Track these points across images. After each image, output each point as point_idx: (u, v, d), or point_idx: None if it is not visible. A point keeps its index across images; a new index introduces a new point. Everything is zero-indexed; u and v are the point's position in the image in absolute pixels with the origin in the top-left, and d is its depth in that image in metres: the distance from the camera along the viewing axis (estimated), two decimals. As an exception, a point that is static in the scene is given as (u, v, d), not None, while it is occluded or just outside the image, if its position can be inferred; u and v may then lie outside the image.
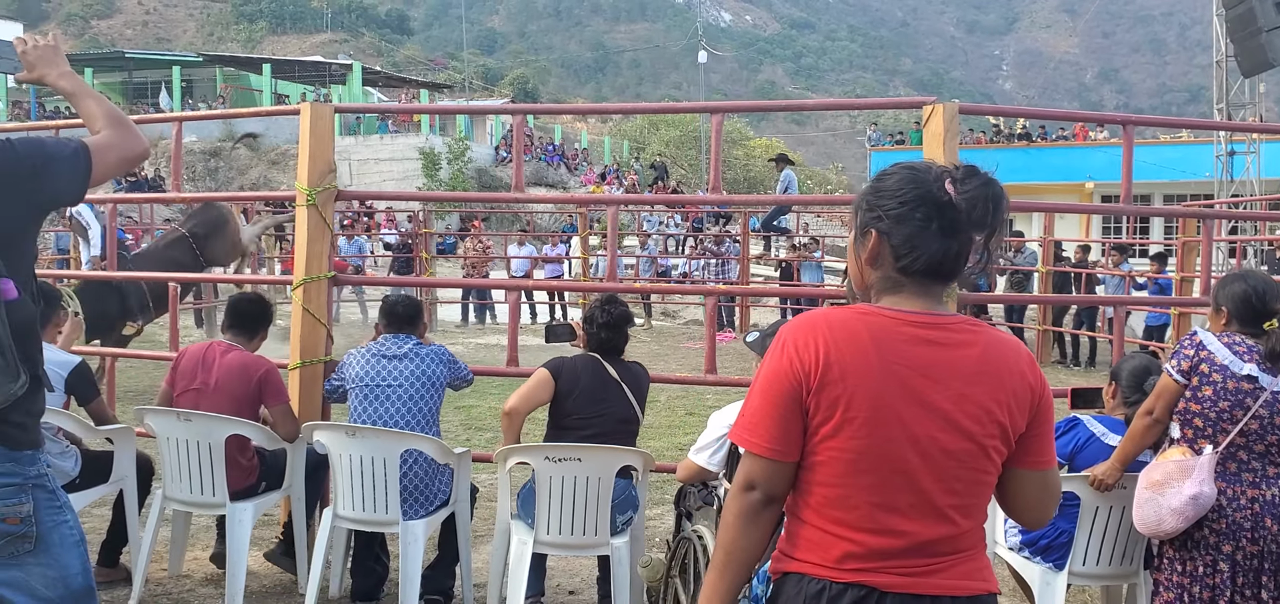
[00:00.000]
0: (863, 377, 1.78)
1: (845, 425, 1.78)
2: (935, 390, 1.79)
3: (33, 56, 2.50)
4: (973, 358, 1.82)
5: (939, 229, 1.80)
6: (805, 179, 48.13)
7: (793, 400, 1.80)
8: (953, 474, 1.80)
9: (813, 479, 1.84)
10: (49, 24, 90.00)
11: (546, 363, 4.26)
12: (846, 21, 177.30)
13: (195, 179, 31.05)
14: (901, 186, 1.84)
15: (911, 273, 1.83)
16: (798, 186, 19.72)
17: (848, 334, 1.80)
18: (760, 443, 1.83)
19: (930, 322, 1.83)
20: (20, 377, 2.19)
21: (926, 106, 4.54)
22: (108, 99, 2.52)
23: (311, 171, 4.90)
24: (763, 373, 1.86)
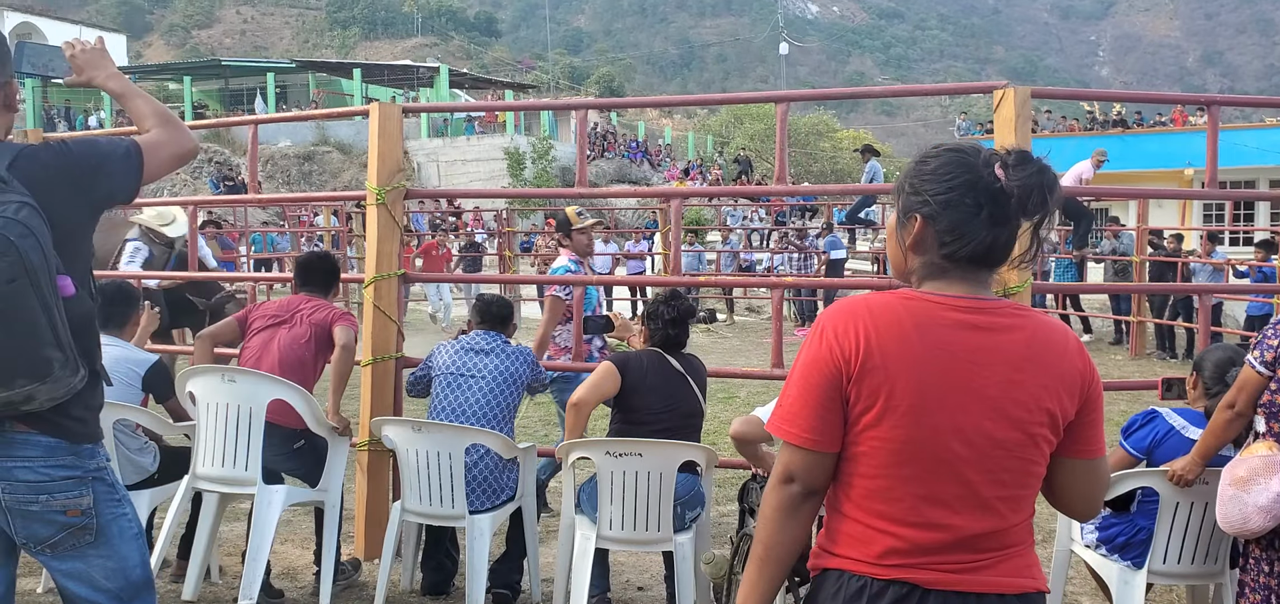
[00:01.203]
0: (905, 363, 1.70)
1: (887, 414, 1.71)
2: (981, 377, 1.71)
3: (81, 59, 2.57)
4: (1020, 343, 1.73)
5: (989, 216, 1.73)
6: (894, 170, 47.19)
7: (832, 388, 1.73)
8: (1000, 465, 1.72)
9: (854, 471, 1.77)
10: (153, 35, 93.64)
11: (612, 356, 4.27)
12: (937, 10, 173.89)
13: (289, 182, 31.94)
14: (949, 170, 1.76)
15: (956, 259, 1.76)
16: (883, 178, 19.40)
17: (889, 319, 1.73)
18: (798, 433, 1.76)
19: (975, 306, 1.75)
20: (79, 370, 2.25)
21: (997, 91, 4.40)
22: (155, 98, 2.57)
23: (381, 171, 4.97)
24: (800, 360, 1.79)
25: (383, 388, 4.99)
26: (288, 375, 4.32)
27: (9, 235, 2.09)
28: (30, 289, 2.11)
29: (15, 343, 2.12)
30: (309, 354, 4.46)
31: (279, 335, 4.45)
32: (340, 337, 4.45)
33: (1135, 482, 3.59)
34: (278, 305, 4.63)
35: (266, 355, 4.41)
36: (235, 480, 4.25)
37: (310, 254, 5.00)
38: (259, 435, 4.19)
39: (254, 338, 4.50)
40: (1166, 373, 7.87)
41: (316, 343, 4.48)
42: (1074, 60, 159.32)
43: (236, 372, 4.26)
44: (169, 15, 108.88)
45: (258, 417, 4.18)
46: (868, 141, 33.15)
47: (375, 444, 4.85)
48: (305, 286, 4.70)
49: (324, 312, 4.55)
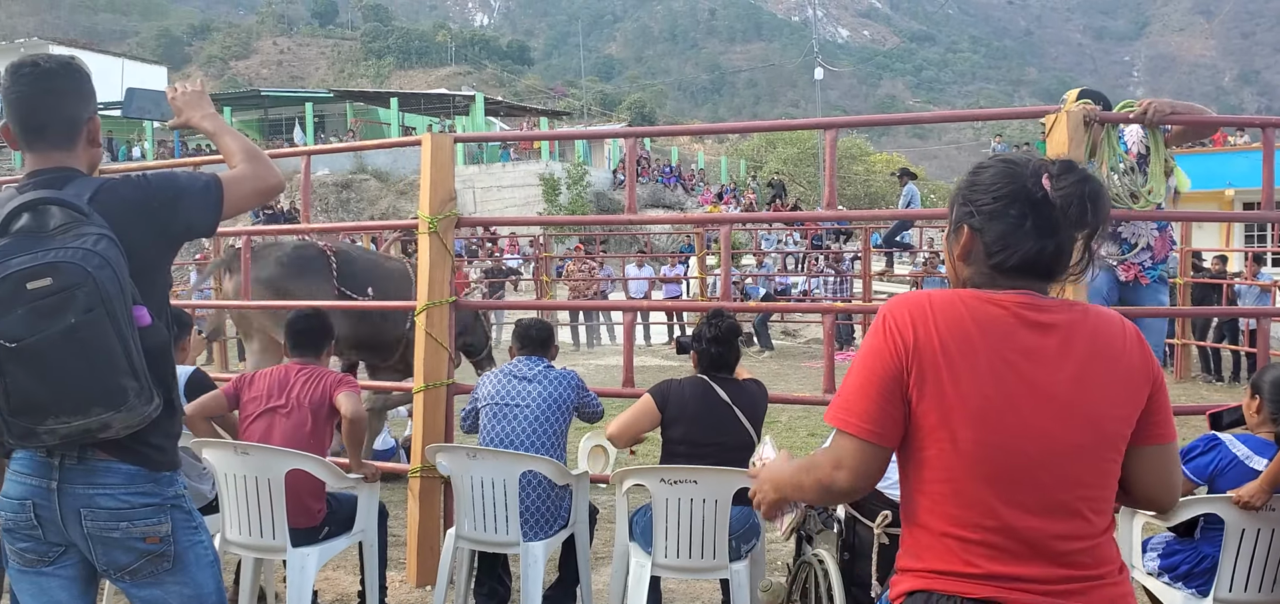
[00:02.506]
0: (969, 362, 1.68)
1: (953, 415, 1.68)
2: (1049, 377, 1.69)
3: (181, 102, 2.66)
4: (1083, 340, 1.72)
5: (1033, 227, 1.73)
6: (929, 193, 47.03)
7: (892, 381, 1.71)
8: (1078, 464, 1.69)
9: (924, 476, 1.74)
10: (191, 66, 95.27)
11: (653, 388, 4.18)
12: (968, 32, 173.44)
13: (328, 210, 32.30)
14: (996, 181, 1.77)
15: (1005, 271, 1.76)
16: (920, 202, 19.30)
17: (952, 317, 1.71)
18: (855, 422, 1.74)
19: (1033, 303, 1.73)
20: (154, 399, 2.29)
21: (1049, 115, 4.38)
22: (245, 136, 2.63)
23: (433, 199, 5.02)
24: (861, 350, 1.78)
25: (434, 414, 5.02)
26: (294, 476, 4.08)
27: (87, 266, 2.13)
28: (106, 319, 2.15)
29: (92, 371, 2.16)
30: (313, 442, 4.19)
31: (276, 426, 4.18)
32: (347, 408, 4.18)
33: (1200, 507, 3.53)
34: (268, 382, 4.31)
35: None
36: (265, 547, 4.10)
37: (299, 316, 4.59)
38: (282, 503, 4.00)
39: (252, 426, 4.23)
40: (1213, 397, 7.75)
41: (315, 422, 4.21)
42: (1108, 81, 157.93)
43: (248, 446, 4.06)
44: (207, 46, 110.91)
45: (277, 487, 3.98)
46: (903, 165, 33.08)
47: (427, 471, 4.88)
48: (297, 352, 4.41)
49: (317, 384, 4.25)
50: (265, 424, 4.19)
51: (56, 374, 2.14)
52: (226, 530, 4.11)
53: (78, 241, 2.16)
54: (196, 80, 2.72)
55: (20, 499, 2.32)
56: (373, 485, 4.43)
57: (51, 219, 2.20)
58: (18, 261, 2.13)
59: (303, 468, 4.05)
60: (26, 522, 2.32)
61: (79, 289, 2.12)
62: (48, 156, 2.36)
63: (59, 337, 2.11)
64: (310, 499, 4.18)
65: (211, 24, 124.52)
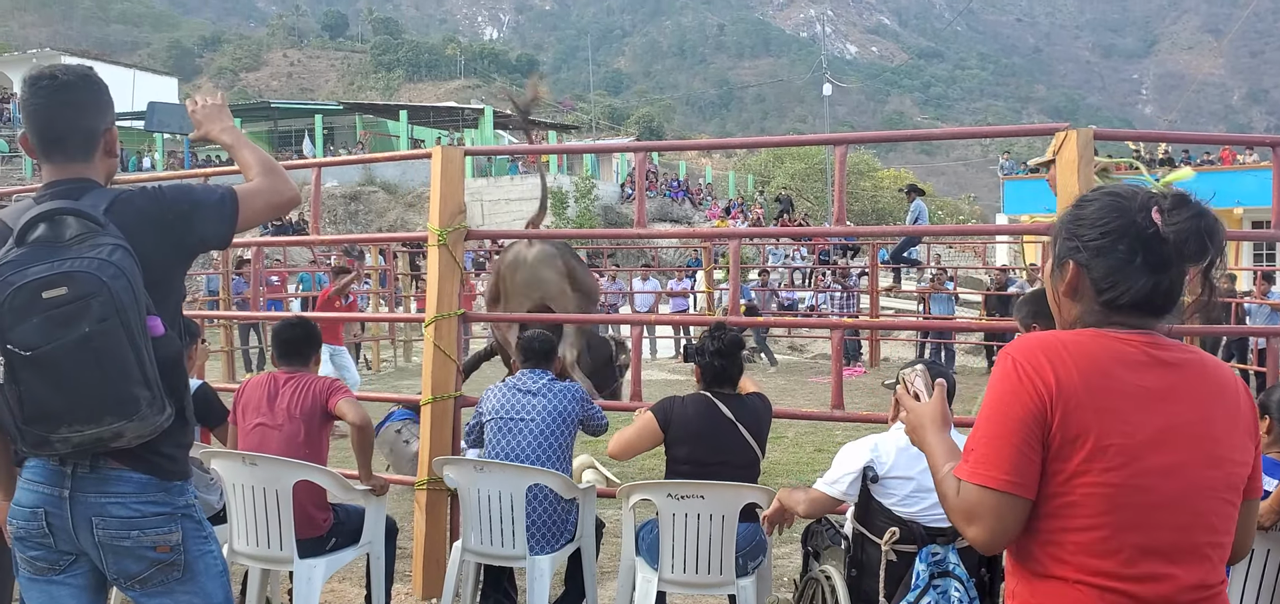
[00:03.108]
0: (1111, 400, 1.63)
1: (1098, 457, 1.61)
2: (1181, 415, 1.64)
3: (200, 115, 2.68)
4: (1203, 381, 1.69)
5: (1145, 263, 1.68)
6: (936, 209, 47.12)
7: (1034, 427, 1.63)
8: (1208, 508, 1.65)
9: (1065, 524, 1.65)
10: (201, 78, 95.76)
11: (655, 406, 4.15)
12: (976, 49, 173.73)
13: (336, 222, 32.40)
14: (1103, 215, 1.71)
15: (1117, 307, 1.71)
16: (928, 217, 19.31)
17: (1086, 356, 1.65)
18: (997, 475, 1.64)
19: (1159, 342, 1.69)
20: (166, 409, 2.30)
21: (1059, 133, 4.38)
22: (262, 149, 2.64)
23: (443, 212, 5.04)
24: (991, 399, 1.69)
25: (442, 427, 5.03)
26: (298, 486, 4.07)
27: (102, 276, 2.15)
28: (120, 328, 2.17)
29: (105, 380, 2.17)
30: (308, 452, 4.16)
31: (269, 439, 4.16)
32: (354, 415, 4.15)
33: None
34: (257, 393, 4.28)
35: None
36: (272, 558, 4.09)
37: (285, 324, 4.55)
38: (289, 514, 4.00)
39: (246, 439, 4.23)
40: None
41: (309, 432, 4.19)
42: (1117, 99, 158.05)
43: (257, 457, 4.06)
44: (218, 58, 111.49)
45: (285, 498, 3.98)
46: (910, 181, 33.12)
47: (434, 483, 4.89)
48: (284, 361, 4.37)
49: (308, 394, 4.21)
50: (258, 437, 4.19)
51: (70, 383, 2.15)
52: (234, 541, 4.11)
53: (93, 251, 2.18)
54: (217, 94, 2.74)
55: (32, 507, 2.33)
56: (381, 498, 4.44)
57: (68, 229, 2.22)
58: (34, 271, 2.15)
59: (311, 479, 4.06)
60: (38, 530, 2.33)
61: (94, 298, 2.14)
62: (65, 167, 2.38)
63: (73, 345, 2.13)
64: (315, 509, 4.19)
65: (222, 36, 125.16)
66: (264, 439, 4.17)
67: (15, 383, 2.16)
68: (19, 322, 2.13)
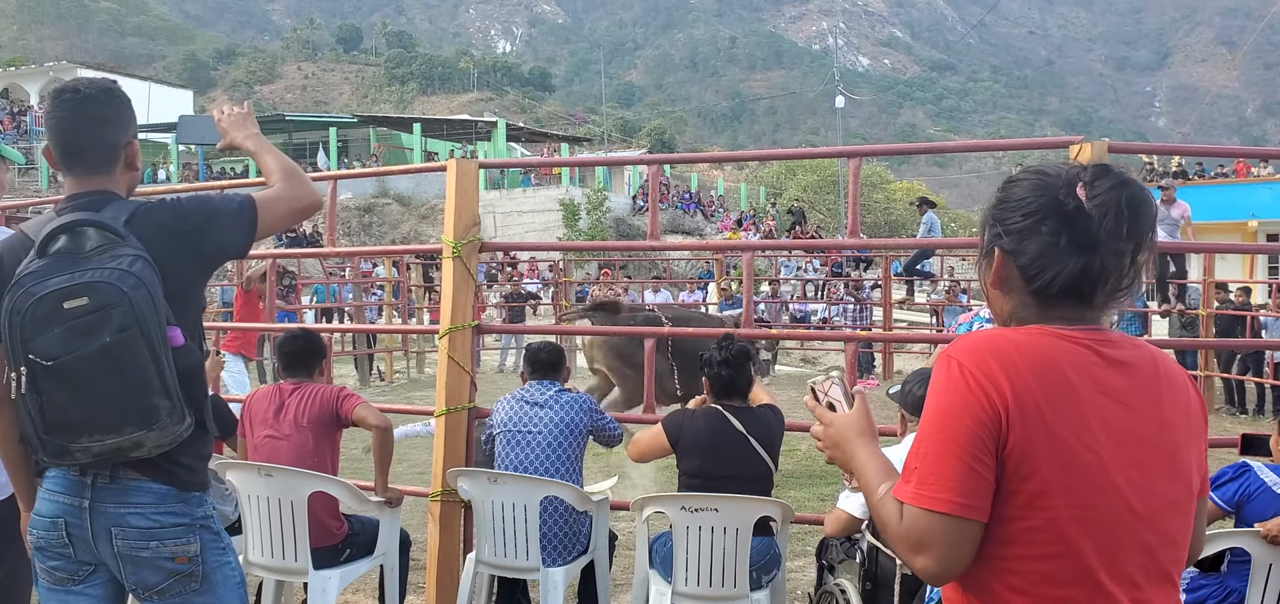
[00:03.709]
0: (1072, 411, 1.45)
1: (1061, 477, 1.44)
2: (1140, 423, 1.49)
3: (226, 124, 2.72)
4: (1159, 378, 1.53)
5: (1070, 243, 1.50)
6: (949, 222, 47.01)
7: (985, 441, 1.44)
8: (1174, 524, 1.51)
9: (1023, 551, 1.47)
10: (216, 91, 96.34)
11: (666, 419, 4.15)
12: (989, 62, 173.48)
13: (350, 234, 32.53)
14: (1027, 196, 1.55)
15: (1048, 297, 1.53)
16: (941, 230, 19.27)
17: (1040, 360, 1.47)
18: (946, 497, 1.44)
19: (1105, 338, 1.52)
20: (185, 419, 2.32)
21: (1073, 146, 4.37)
22: (285, 156, 2.65)
23: (457, 224, 5.05)
24: (934, 410, 1.50)
25: (456, 438, 5.03)
26: (312, 496, 4.08)
27: (123, 286, 2.17)
28: (140, 338, 2.19)
29: (125, 390, 2.19)
30: (317, 460, 4.19)
31: (279, 451, 4.18)
32: (370, 418, 4.19)
33: (1227, 541, 3.51)
34: (263, 406, 4.30)
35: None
36: (287, 569, 4.10)
37: (289, 336, 4.57)
38: (304, 525, 4.01)
39: (257, 452, 4.25)
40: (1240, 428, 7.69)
41: (317, 440, 4.22)
42: (1130, 111, 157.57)
43: (272, 468, 4.07)
44: (232, 71, 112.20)
45: (300, 509, 4.00)
46: (922, 194, 33.08)
47: (448, 495, 4.89)
48: (290, 372, 4.40)
49: (315, 402, 4.24)
50: (268, 449, 4.21)
51: (91, 392, 2.17)
52: (249, 552, 4.12)
53: (114, 262, 2.20)
54: (244, 104, 2.77)
55: (52, 517, 2.35)
56: (396, 509, 4.45)
57: (88, 241, 2.24)
58: (56, 281, 2.17)
59: (327, 491, 4.07)
60: (58, 540, 2.35)
61: (114, 308, 2.16)
62: (86, 180, 2.40)
63: (94, 355, 2.15)
64: (329, 518, 4.20)
65: (237, 49, 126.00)
66: (274, 450, 4.19)
67: (37, 393, 2.19)
68: (40, 332, 2.16)
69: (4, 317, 2.21)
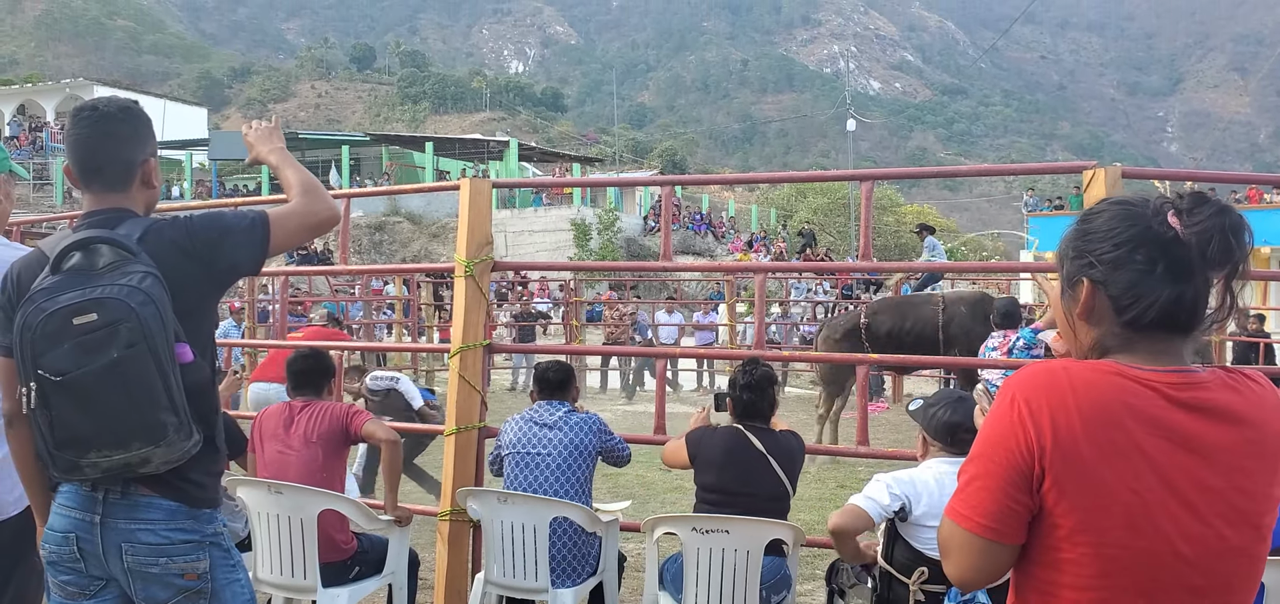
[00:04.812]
0: (1119, 454, 1.46)
1: (1099, 516, 1.47)
2: (1207, 469, 1.47)
3: (252, 138, 2.76)
4: (1241, 423, 1.50)
5: (1166, 272, 1.50)
6: (959, 246, 46.92)
7: (1019, 475, 1.49)
8: (1232, 570, 1.49)
9: (1058, 579, 1.52)
10: (230, 109, 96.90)
11: (689, 433, 4.19)
12: (1000, 86, 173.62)
13: (361, 251, 32.63)
14: (1115, 226, 1.54)
15: (1141, 326, 1.52)
16: (944, 253, 19.22)
17: (1095, 398, 1.47)
18: (974, 518, 1.53)
19: (1189, 381, 1.49)
20: (193, 435, 2.32)
21: (1087, 171, 4.36)
22: (306, 170, 2.67)
23: (470, 243, 5.06)
24: (983, 434, 1.57)
25: (466, 457, 5.02)
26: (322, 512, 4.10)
27: (131, 302, 2.18)
28: (148, 354, 2.19)
29: (132, 406, 2.20)
30: (325, 477, 4.21)
31: (289, 467, 4.20)
32: (379, 433, 4.22)
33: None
34: (273, 423, 4.34)
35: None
36: (296, 587, 4.11)
37: (298, 355, 4.64)
38: (314, 542, 4.03)
39: (267, 468, 4.27)
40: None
41: (326, 456, 4.24)
42: (1142, 136, 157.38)
43: (282, 485, 4.09)
44: (246, 89, 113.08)
45: (309, 526, 4.02)
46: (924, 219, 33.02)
47: (457, 514, 4.88)
48: (298, 390, 4.46)
49: (324, 418, 4.27)
50: (278, 465, 4.23)
51: (99, 408, 2.18)
52: (258, 569, 4.13)
53: (124, 279, 2.21)
54: (272, 118, 2.79)
55: (64, 532, 2.35)
56: (405, 528, 4.44)
57: (101, 258, 2.25)
58: (66, 297, 2.19)
59: (336, 509, 4.08)
60: (70, 554, 2.35)
61: (122, 324, 2.17)
62: (103, 197, 2.42)
63: (102, 371, 2.16)
64: (338, 534, 4.21)
65: (252, 67, 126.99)
66: (283, 466, 4.21)
67: (46, 408, 2.19)
68: (50, 348, 2.17)
69: (16, 332, 2.22)
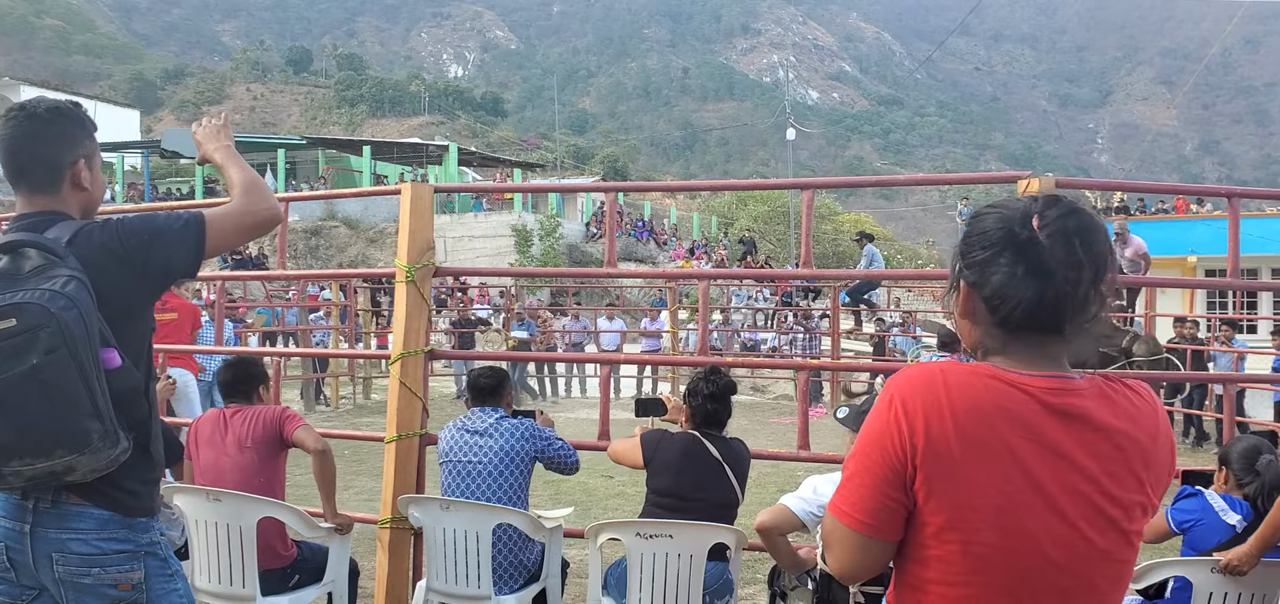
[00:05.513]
0: (988, 455, 1.50)
1: (969, 515, 1.51)
2: (1075, 476, 1.51)
3: (200, 136, 2.70)
4: (1112, 429, 1.54)
5: (1027, 273, 1.53)
6: (896, 254, 47.65)
7: (894, 468, 1.54)
8: (1099, 571, 1.53)
9: (929, 577, 1.57)
10: (163, 110, 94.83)
11: (645, 434, 4.20)
12: (935, 97, 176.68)
13: (296, 256, 32.13)
14: (987, 229, 1.59)
15: (1011, 327, 1.56)
16: (882, 261, 19.52)
17: (968, 401, 1.52)
18: (851, 513, 1.59)
19: (1062, 386, 1.54)
20: (120, 442, 2.26)
21: (1021, 181, 4.46)
22: (251, 169, 2.61)
23: (411, 248, 5.01)
24: (863, 433, 1.62)
25: (406, 465, 4.96)
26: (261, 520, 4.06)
27: (51, 307, 2.12)
28: (69, 360, 2.13)
29: (54, 413, 2.14)
30: (263, 482, 4.16)
31: (225, 474, 4.15)
32: (308, 441, 4.17)
33: (1170, 570, 3.58)
34: (206, 430, 4.30)
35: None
36: (234, 596, 4.05)
37: (225, 365, 4.59)
38: (253, 550, 3.98)
39: (204, 475, 4.22)
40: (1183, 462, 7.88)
41: (261, 459, 4.19)
42: (1073, 147, 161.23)
43: (221, 492, 4.03)
44: (180, 91, 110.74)
45: (248, 534, 3.97)
46: (867, 227, 33.57)
47: (398, 522, 4.83)
48: (229, 398, 4.41)
49: (258, 423, 4.23)
50: (214, 472, 4.18)
51: (19, 415, 2.12)
52: (196, 578, 4.06)
53: (47, 284, 2.16)
54: (221, 115, 2.74)
55: None
56: (345, 536, 4.39)
57: (28, 262, 2.20)
58: None
59: (276, 516, 4.02)
60: (1, 565, 2.29)
61: (42, 330, 2.11)
62: (33, 199, 2.37)
63: (21, 378, 2.10)
64: (277, 542, 4.17)
65: (186, 69, 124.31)
66: (219, 473, 4.15)
67: None
68: None
69: None
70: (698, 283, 15.69)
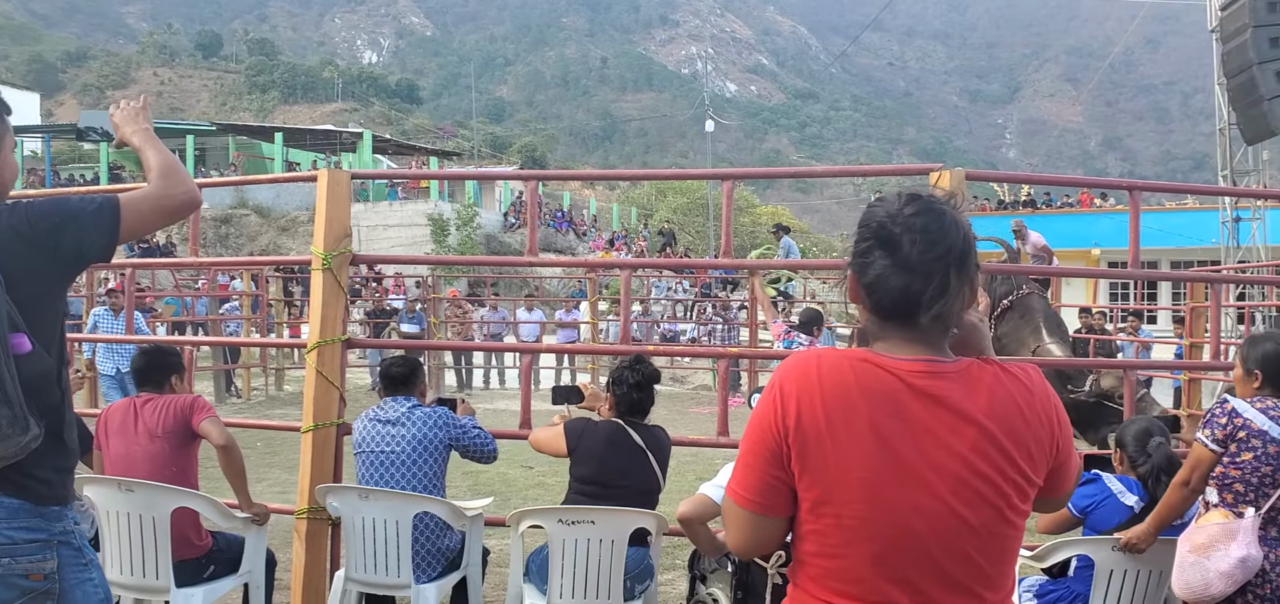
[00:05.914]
0: (853, 434, 1.60)
1: (839, 490, 1.61)
2: (942, 451, 1.60)
3: (117, 119, 2.64)
4: (982, 409, 1.62)
5: (893, 264, 1.64)
6: (811, 246, 48.32)
7: (773, 449, 1.66)
8: (971, 545, 1.61)
9: (809, 549, 1.69)
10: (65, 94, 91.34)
11: (568, 423, 4.20)
12: (850, 91, 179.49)
13: (207, 245, 31.29)
14: (867, 220, 1.71)
15: (884, 313, 1.67)
16: (799, 253, 19.81)
17: (837, 385, 1.63)
18: (742, 493, 1.72)
19: (929, 369, 1.63)
20: (30, 428, 2.21)
21: (933, 173, 4.59)
22: (170, 153, 2.56)
23: (328, 236, 4.94)
24: (751, 417, 1.73)
25: (323, 455, 4.90)
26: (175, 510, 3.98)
27: None
28: None
29: None
30: (175, 472, 4.08)
31: (136, 464, 4.06)
32: (213, 434, 4.09)
33: (1072, 550, 3.73)
34: (117, 419, 4.19)
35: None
36: (147, 588, 3.98)
37: (139, 353, 4.49)
38: (167, 540, 3.91)
39: (114, 465, 4.12)
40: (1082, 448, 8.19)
41: (173, 448, 4.11)
42: (982, 142, 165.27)
43: (133, 483, 3.94)
44: (83, 75, 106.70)
45: (161, 525, 3.89)
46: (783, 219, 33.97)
47: (315, 512, 4.77)
48: (141, 387, 4.33)
49: (168, 413, 4.13)
50: (125, 462, 4.09)
51: None
52: (108, 570, 3.96)
53: None
54: (140, 99, 2.67)
55: None
56: (261, 528, 4.33)
57: None
58: None
59: (191, 506, 3.95)
60: None
61: None
62: None
63: None
64: (191, 532, 4.10)
65: (89, 52, 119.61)
66: (130, 463, 4.06)
67: None
68: None
69: None
70: (619, 273, 15.72)
